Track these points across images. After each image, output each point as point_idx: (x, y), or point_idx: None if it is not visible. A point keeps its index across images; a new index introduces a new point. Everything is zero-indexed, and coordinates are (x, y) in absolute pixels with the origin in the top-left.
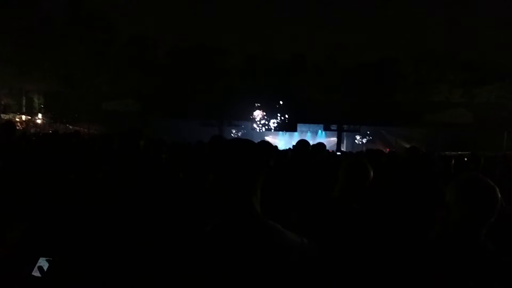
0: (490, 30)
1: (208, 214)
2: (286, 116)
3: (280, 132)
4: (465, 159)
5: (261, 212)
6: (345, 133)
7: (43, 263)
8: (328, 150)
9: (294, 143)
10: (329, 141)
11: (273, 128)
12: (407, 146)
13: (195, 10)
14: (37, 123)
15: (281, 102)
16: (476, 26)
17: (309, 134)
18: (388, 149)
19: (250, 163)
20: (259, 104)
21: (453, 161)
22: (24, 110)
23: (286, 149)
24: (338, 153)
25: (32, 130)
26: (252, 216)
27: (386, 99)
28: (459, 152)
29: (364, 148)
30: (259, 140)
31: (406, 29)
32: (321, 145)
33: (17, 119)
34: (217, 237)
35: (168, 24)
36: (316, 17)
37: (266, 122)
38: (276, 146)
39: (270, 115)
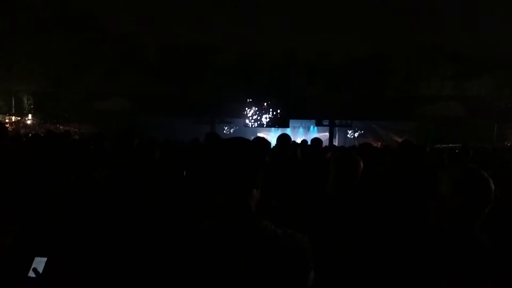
0: (481, 22)
1: (205, 213)
2: (278, 111)
3: (273, 128)
4: (456, 151)
5: (257, 211)
6: (337, 128)
7: (38, 264)
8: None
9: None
10: (321, 136)
11: (265, 124)
12: (399, 139)
13: (185, 7)
14: (27, 124)
15: (273, 99)
16: (466, 18)
17: (301, 129)
18: (379, 143)
19: (245, 164)
20: (250, 100)
21: (445, 154)
22: (13, 111)
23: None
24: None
25: (22, 131)
26: (248, 216)
27: (377, 94)
28: (450, 145)
29: (356, 143)
30: (254, 137)
31: (396, 24)
32: (318, 141)
33: (7, 120)
34: (211, 237)
35: (158, 22)
36: (306, 13)
37: (258, 118)
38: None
39: (262, 111)
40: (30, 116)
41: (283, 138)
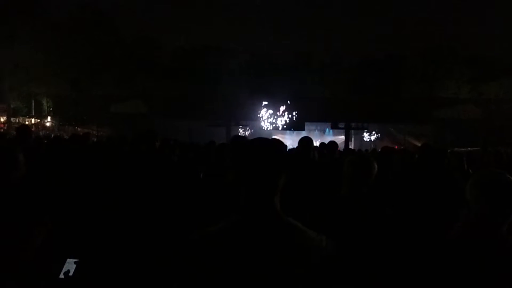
0: (499, 24)
1: (226, 212)
2: (294, 114)
3: (288, 131)
4: (491, 155)
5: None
6: (352, 131)
7: (70, 266)
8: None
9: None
10: (337, 139)
11: (280, 127)
12: (416, 143)
13: (200, 11)
14: (46, 126)
15: (288, 102)
16: (483, 20)
17: (316, 132)
18: (396, 146)
19: (278, 162)
20: (266, 103)
21: (464, 158)
22: (33, 113)
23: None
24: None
25: (41, 133)
26: (274, 214)
27: (394, 96)
28: (469, 148)
29: (372, 146)
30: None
31: (412, 26)
32: (333, 144)
33: (27, 122)
34: (237, 232)
35: (173, 25)
36: (321, 15)
37: (274, 121)
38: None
39: (277, 114)
40: (49, 118)
41: (306, 141)
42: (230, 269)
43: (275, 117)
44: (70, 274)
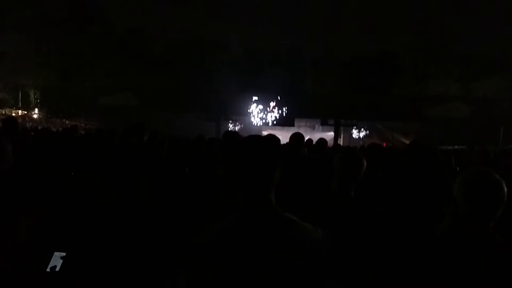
0: (488, 23)
1: (219, 208)
2: (284, 110)
3: (278, 127)
4: (478, 153)
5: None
6: (342, 127)
7: (56, 261)
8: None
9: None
10: (326, 135)
11: (270, 122)
12: (404, 140)
13: (192, 3)
14: (34, 118)
15: (278, 97)
16: (474, 19)
17: (306, 128)
18: (385, 144)
19: (273, 158)
20: (256, 99)
21: (452, 156)
22: (20, 104)
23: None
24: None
25: (29, 125)
26: (271, 210)
27: (383, 93)
28: (456, 147)
29: (361, 143)
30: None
31: (403, 23)
32: (323, 142)
33: (13, 114)
34: (237, 231)
35: (165, 17)
36: (314, 10)
37: (264, 116)
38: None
39: (267, 109)
40: (36, 110)
41: (297, 137)
42: (233, 269)
43: (265, 112)
44: (57, 269)
